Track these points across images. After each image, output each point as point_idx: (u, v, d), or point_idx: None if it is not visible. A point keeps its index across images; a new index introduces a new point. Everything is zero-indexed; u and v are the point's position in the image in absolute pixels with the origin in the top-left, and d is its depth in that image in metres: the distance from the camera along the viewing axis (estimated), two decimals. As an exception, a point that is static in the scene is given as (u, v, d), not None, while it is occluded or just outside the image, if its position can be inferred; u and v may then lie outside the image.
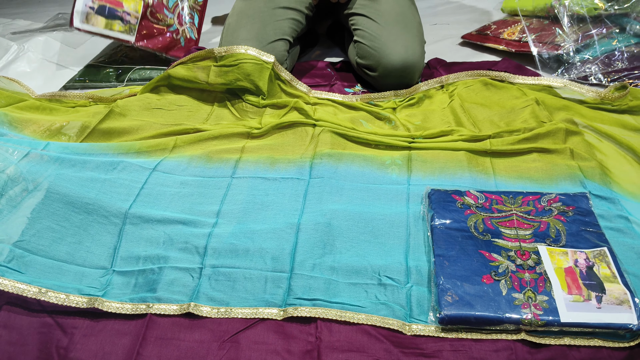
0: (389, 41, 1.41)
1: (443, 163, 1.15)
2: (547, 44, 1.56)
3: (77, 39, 1.91)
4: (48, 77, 1.69)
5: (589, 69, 1.48)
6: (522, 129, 1.21)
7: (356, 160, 1.16)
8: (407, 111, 1.38)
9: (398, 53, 1.40)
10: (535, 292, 0.83)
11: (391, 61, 1.40)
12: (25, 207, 1.02)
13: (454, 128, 1.25)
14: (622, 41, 1.50)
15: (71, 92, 1.51)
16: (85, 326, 0.85)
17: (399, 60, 1.40)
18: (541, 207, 0.98)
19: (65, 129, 1.24)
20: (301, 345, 0.81)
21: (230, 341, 0.82)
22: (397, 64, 1.41)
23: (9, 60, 1.75)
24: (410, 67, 1.42)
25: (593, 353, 0.78)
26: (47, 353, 0.82)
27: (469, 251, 0.91)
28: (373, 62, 1.43)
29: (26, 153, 1.14)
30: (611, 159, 1.14)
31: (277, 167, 1.16)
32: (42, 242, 0.96)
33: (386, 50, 1.41)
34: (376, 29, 1.44)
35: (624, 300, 0.80)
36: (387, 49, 1.41)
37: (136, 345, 0.82)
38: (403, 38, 1.42)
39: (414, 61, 1.42)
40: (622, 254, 0.90)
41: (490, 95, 1.40)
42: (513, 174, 1.12)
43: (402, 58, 1.40)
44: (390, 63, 1.41)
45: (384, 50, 1.41)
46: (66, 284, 0.90)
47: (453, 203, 1.00)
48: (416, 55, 1.43)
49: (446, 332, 0.82)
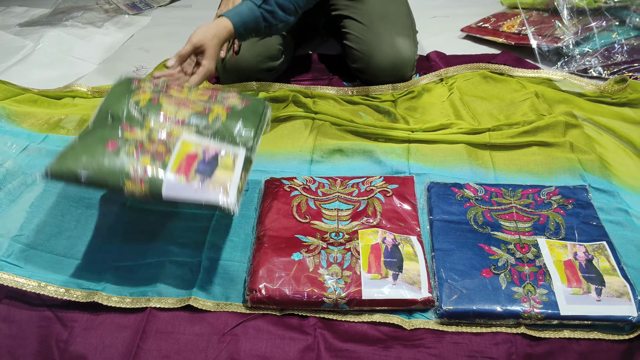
0: (375, 42, 1.39)
1: (442, 157, 1.14)
2: (547, 37, 1.56)
3: (88, 33, 1.94)
4: (65, 69, 1.71)
5: (588, 62, 1.48)
6: (521, 122, 1.21)
7: (356, 153, 1.16)
8: (407, 104, 1.38)
9: (385, 53, 1.38)
10: (535, 286, 0.83)
11: (378, 62, 1.38)
12: (24, 201, 1.02)
13: (453, 121, 1.24)
14: (622, 34, 1.50)
15: (75, 83, 1.51)
16: (85, 319, 0.85)
17: (386, 61, 1.38)
18: (541, 200, 0.98)
19: (64, 122, 1.23)
20: (301, 339, 0.82)
21: (230, 334, 0.82)
22: (386, 64, 1.39)
23: (25, 54, 1.77)
24: (399, 65, 1.40)
25: (593, 345, 0.79)
26: (47, 347, 0.82)
27: (468, 245, 0.91)
28: (362, 65, 1.41)
29: (25, 146, 1.13)
30: (611, 152, 1.14)
31: (276, 159, 1.16)
32: (41, 236, 0.96)
33: (372, 51, 1.38)
34: (361, 30, 1.41)
35: (623, 293, 0.80)
36: (372, 50, 1.38)
37: (136, 339, 0.82)
38: (390, 36, 1.39)
39: (402, 58, 1.39)
40: (622, 246, 0.90)
41: (489, 88, 1.39)
42: (512, 167, 1.12)
43: (390, 58, 1.38)
44: (378, 64, 1.39)
45: (371, 52, 1.39)
46: (65, 277, 0.90)
47: (452, 196, 1.00)
48: (405, 50, 1.40)
49: (446, 326, 0.82)
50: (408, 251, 0.89)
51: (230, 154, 0.87)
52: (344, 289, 0.83)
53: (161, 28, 2.02)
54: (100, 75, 1.68)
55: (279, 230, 0.95)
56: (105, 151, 0.81)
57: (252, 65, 1.40)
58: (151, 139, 0.86)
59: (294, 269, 0.86)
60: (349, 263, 0.87)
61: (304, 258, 0.88)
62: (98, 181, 0.80)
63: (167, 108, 0.92)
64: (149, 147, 0.84)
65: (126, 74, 1.03)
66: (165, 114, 0.91)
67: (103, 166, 0.80)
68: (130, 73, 1.67)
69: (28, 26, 2.02)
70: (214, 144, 0.88)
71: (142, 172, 0.80)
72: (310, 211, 0.98)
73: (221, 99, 0.97)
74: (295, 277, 0.85)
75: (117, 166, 0.80)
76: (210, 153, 0.86)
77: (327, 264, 0.87)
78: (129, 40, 1.93)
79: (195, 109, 0.93)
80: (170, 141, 0.86)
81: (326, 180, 1.05)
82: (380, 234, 0.92)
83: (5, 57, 1.75)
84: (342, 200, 1.00)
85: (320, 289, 0.84)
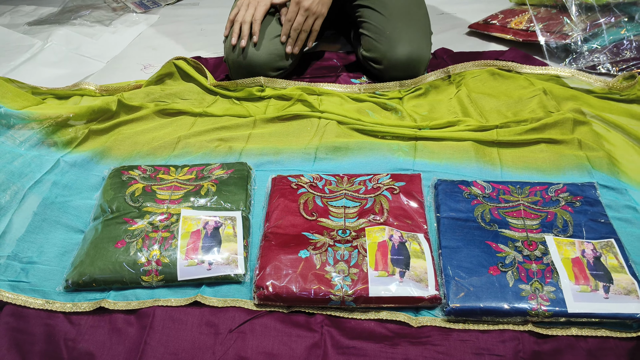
0: (395, 35, 1.40)
1: (450, 154, 1.14)
2: (555, 33, 1.55)
3: (97, 31, 1.96)
4: (74, 67, 1.72)
5: (597, 59, 1.47)
6: (529, 119, 1.20)
7: (362, 151, 1.16)
8: (414, 102, 1.38)
9: (404, 47, 1.39)
10: (542, 283, 0.83)
11: (396, 55, 1.40)
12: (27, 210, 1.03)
13: (460, 118, 1.24)
14: (631, 30, 1.48)
15: (83, 82, 1.52)
16: (92, 317, 0.86)
17: (404, 54, 1.39)
18: (548, 198, 0.98)
19: (72, 120, 1.24)
20: (308, 336, 0.82)
21: (237, 331, 0.82)
22: (403, 58, 1.40)
23: (34, 53, 1.78)
24: (416, 61, 1.41)
25: (600, 343, 0.78)
26: (55, 345, 0.82)
27: (475, 242, 0.90)
28: (378, 55, 1.42)
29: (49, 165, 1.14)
30: (619, 149, 1.14)
31: (281, 157, 1.16)
32: (46, 250, 0.97)
33: (392, 43, 1.40)
34: (382, 21, 1.43)
35: (631, 290, 0.80)
36: (392, 42, 1.40)
37: (143, 335, 0.82)
38: (409, 31, 1.41)
39: (419, 55, 1.41)
40: (630, 244, 0.90)
41: (497, 85, 1.39)
42: (520, 165, 1.11)
43: (408, 52, 1.39)
44: (395, 57, 1.40)
45: (390, 44, 1.40)
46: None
47: (460, 193, 1.00)
48: (422, 48, 1.42)
49: (453, 324, 0.82)
50: (415, 249, 0.89)
51: (229, 222, 0.95)
52: (351, 287, 0.83)
53: (169, 26, 2.03)
54: (109, 74, 1.68)
55: (286, 228, 0.95)
56: (117, 251, 0.91)
57: (265, 63, 1.41)
58: (154, 226, 0.95)
59: (301, 266, 0.86)
60: (355, 260, 0.87)
61: (311, 255, 0.88)
62: (116, 281, 0.89)
63: (160, 193, 1.02)
64: (154, 236, 0.93)
65: (114, 168, 1.11)
66: (161, 199, 1.01)
67: (118, 267, 0.89)
68: (138, 71, 1.68)
69: (37, 25, 2.04)
70: (212, 214, 0.97)
71: (155, 264, 0.89)
72: (317, 209, 0.98)
73: (207, 174, 1.07)
74: (302, 274, 0.85)
75: (130, 264, 0.89)
76: (211, 225, 0.94)
77: (334, 261, 0.87)
78: (136, 39, 1.94)
79: (187, 188, 1.04)
80: (172, 224, 0.95)
81: (333, 177, 1.05)
82: (387, 231, 0.92)
83: (14, 55, 1.76)
84: (349, 198, 1.00)
85: (327, 286, 0.84)
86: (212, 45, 1.81)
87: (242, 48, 1.39)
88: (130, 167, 1.10)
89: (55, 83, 1.55)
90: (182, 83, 1.44)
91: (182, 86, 1.43)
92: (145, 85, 1.45)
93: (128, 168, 1.10)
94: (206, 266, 0.89)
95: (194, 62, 1.46)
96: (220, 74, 1.57)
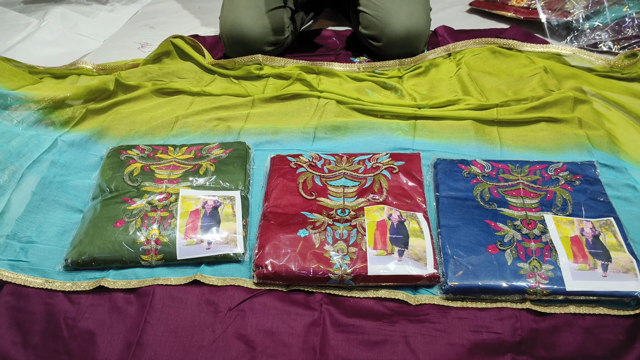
0: (393, 10, 1.38)
1: (449, 133, 1.14)
2: (556, 11, 1.53)
3: (93, 10, 1.93)
4: (71, 46, 1.71)
5: (598, 36, 1.45)
6: (530, 98, 1.20)
7: (361, 130, 1.16)
8: (414, 80, 1.37)
9: (402, 22, 1.38)
10: (541, 262, 0.83)
11: (395, 30, 1.38)
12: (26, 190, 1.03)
13: (460, 97, 1.23)
14: (633, 7, 1.47)
15: (80, 61, 1.50)
16: (92, 296, 0.86)
17: (402, 30, 1.38)
18: (548, 176, 0.98)
19: (70, 100, 1.23)
20: (307, 314, 0.82)
21: (237, 310, 0.83)
22: (401, 34, 1.38)
23: (30, 32, 1.76)
24: (415, 36, 1.39)
25: (598, 321, 0.79)
26: (56, 324, 0.82)
27: (474, 221, 0.90)
28: (377, 32, 1.41)
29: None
30: (620, 127, 1.13)
31: (280, 136, 1.16)
32: (45, 229, 0.97)
33: (390, 19, 1.38)
34: None
35: (629, 269, 0.80)
36: (390, 17, 1.38)
37: (143, 313, 0.83)
38: (407, 6, 1.39)
39: (418, 30, 1.39)
40: (629, 222, 0.90)
41: (498, 64, 1.38)
42: (520, 143, 1.11)
43: (406, 27, 1.38)
44: (394, 32, 1.38)
45: (388, 20, 1.38)
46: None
47: (459, 172, 1.00)
48: (421, 23, 1.40)
49: (451, 302, 0.82)
50: (414, 228, 0.89)
51: (228, 202, 0.95)
52: (350, 265, 0.84)
53: (166, 4, 2.00)
54: (106, 52, 1.67)
55: (285, 207, 0.95)
56: (116, 230, 0.91)
57: (259, 37, 1.39)
58: (153, 206, 0.95)
59: (300, 246, 0.87)
60: (354, 239, 0.87)
61: (310, 235, 0.88)
62: (116, 260, 0.89)
63: (159, 173, 1.02)
64: (153, 215, 0.93)
65: (112, 148, 1.11)
66: (160, 178, 1.01)
67: (117, 247, 0.89)
68: (135, 50, 1.66)
69: (32, 3, 2.01)
70: (210, 194, 0.97)
71: (154, 244, 0.89)
72: (316, 188, 0.98)
73: (205, 153, 1.07)
74: (301, 253, 0.85)
75: (129, 243, 0.89)
76: (210, 205, 0.94)
77: (333, 240, 0.88)
78: (133, 17, 1.92)
79: (186, 167, 1.03)
80: (171, 204, 0.95)
81: (332, 157, 1.05)
82: (386, 210, 0.92)
83: (10, 34, 1.75)
84: (348, 177, 1.00)
85: (326, 265, 0.84)
86: (210, 23, 1.79)
87: (236, 22, 1.37)
88: (128, 147, 1.10)
89: (51, 62, 1.54)
90: (180, 62, 1.43)
91: (179, 65, 1.42)
92: (143, 64, 1.43)
93: (126, 147, 1.10)
94: (205, 245, 0.89)
95: (192, 41, 1.45)
96: (218, 53, 1.56)
